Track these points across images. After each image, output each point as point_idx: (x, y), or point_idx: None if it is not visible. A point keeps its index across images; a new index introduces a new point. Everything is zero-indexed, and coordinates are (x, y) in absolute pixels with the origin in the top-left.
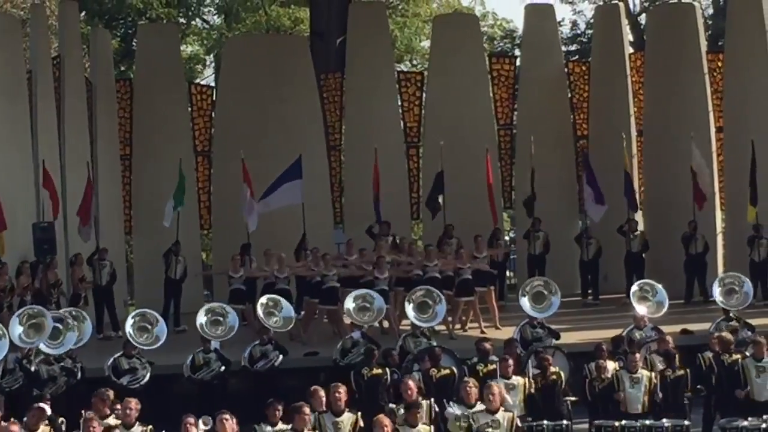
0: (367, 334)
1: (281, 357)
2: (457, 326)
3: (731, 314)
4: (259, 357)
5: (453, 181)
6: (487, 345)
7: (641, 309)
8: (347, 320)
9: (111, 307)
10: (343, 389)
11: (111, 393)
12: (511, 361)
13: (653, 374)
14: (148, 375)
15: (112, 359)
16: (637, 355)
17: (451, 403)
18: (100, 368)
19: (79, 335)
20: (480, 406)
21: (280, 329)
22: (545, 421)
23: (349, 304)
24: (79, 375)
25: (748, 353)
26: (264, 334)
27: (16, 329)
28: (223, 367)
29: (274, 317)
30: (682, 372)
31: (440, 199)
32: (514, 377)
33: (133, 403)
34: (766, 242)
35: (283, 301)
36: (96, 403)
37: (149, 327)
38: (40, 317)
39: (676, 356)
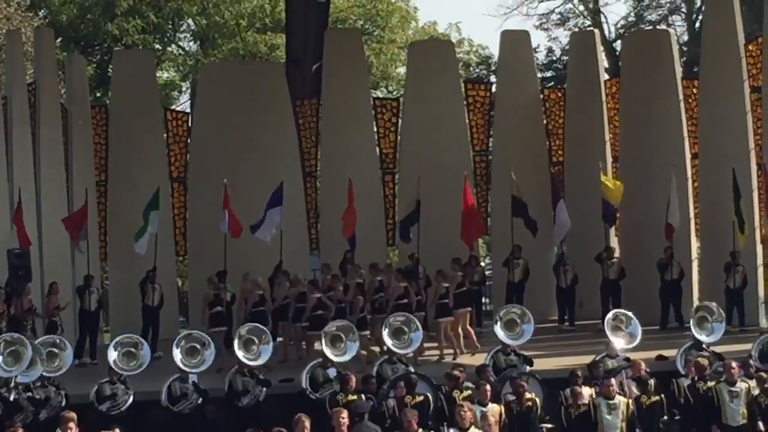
0: (342, 371)
1: (265, 390)
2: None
3: (702, 344)
4: (242, 391)
5: (429, 208)
6: (457, 372)
7: (618, 342)
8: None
9: (94, 335)
10: (345, 413)
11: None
12: (488, 387)
13: (630, 401)
14: (130, 401)
15: (97, 385)
16: (613, 381)
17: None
18: (77, 395)
19: (60, 363)
20: (474, 431)
21: (251, 361)
22: None
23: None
24: (64, 402)
25: (721, 378)
26: (244, 365)
27: None
28: (200, 399)
29: (252, 345)
30: (657, 398)
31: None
32: (490, 404)
33: None
34: (742, 269)
35: (269, 334)
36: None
37: (134, 351)
38: (18, 345)
39: (650, 382)
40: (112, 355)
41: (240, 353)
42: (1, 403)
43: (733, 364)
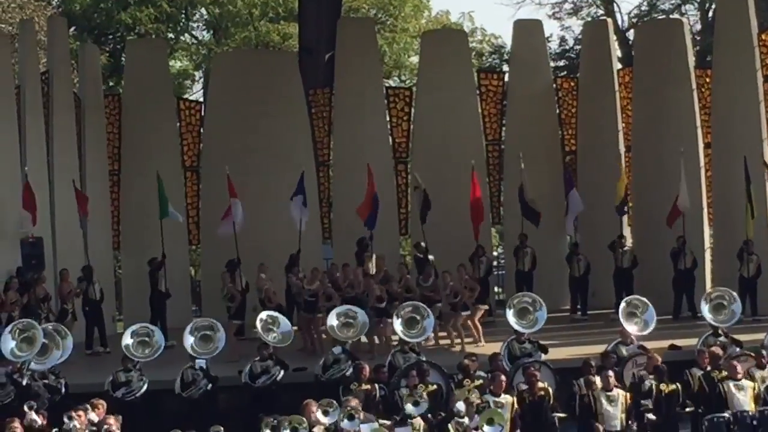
0: (349, 350)
1: (282, 372)
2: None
3: (719, 330)
4: (260, 372)
5: (440, 197)
6: (467, 362)
7: (631, 327)
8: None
9: (101, 323)
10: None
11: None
12: (503, 378)
13: (629, 395)
14: (144, 388)
15: (112, 374)
16: (611, 373)
17: None
18: (90, 383)
19: (61, 351)
20: None
21: (278, 345)
22: None
23: (333, 320)
24: (63, 390)
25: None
26: (263, 350)
27: (9, 343)
28: (210, 385)
29: (272, 333)
30: (674, 387)
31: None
32: (503, 395)
33: (113, 419)
34: (756, 258)
35: (281, 318)
36: None
37: (147, 340)
38: (31, 330)
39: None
40: (126, 341)
41: (260, 332)
42: (14, 388)
43: (736, 364)
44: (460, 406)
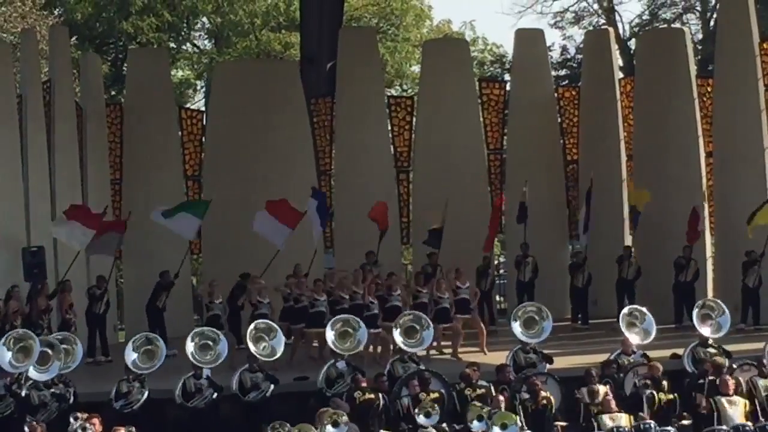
0: (352, 363)
1: (272, 387)
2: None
3: (709, 341)
4: (251, 387)
5: (442, 206)
6: (468, 371)
7: (632, 337)
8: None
9: (103, 332)
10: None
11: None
12: (501, 398)
13: (631, 417)
14: (143, 399)
15: (117, 383)
16: (611, 398)
17: None
18: (91, 393)
19: (70, 359)
20: None
21: (265, 358)
22: None
23: (329, 332)
24: (72, 399)
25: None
26: (253, 361)
27: (5, 355)
28: (215, 394)
29: (263, 342)
30: (671, 396)
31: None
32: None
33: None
34: (757, 268)
35: (278, 330)
36: None
37: (151, 348)
38: (27, 340)
39: (664, 382)
40: (131, 356)
41: (252, 348)
42: (13, 399)
43: (728, 380)
44: (476, 426)
